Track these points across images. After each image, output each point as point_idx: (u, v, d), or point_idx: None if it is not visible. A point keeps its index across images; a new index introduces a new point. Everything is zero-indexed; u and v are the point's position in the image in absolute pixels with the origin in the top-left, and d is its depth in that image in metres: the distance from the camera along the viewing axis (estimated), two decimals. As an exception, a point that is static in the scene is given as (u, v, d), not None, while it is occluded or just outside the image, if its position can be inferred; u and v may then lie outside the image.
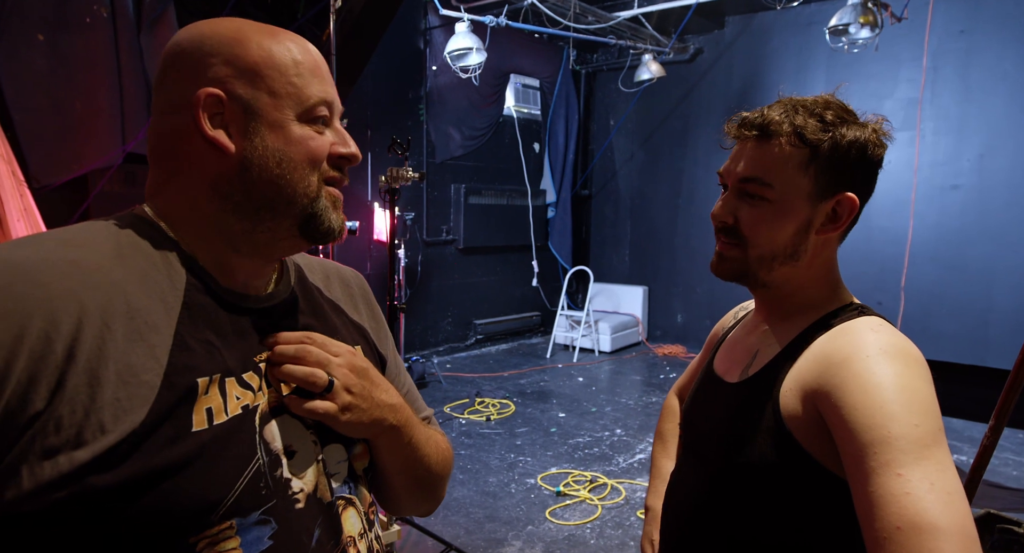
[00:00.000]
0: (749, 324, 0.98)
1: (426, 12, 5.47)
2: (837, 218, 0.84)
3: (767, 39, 5.80)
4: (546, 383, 5.19)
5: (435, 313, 5.92)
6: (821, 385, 0.75)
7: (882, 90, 5.18)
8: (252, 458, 0.61)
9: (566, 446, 3.84)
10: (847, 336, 0.79)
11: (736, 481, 0.85)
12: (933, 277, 4.94)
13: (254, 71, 0.62)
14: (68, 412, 0.51)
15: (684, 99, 6.40)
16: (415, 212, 5.57)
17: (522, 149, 6.49)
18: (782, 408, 0.80)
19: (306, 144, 0.64)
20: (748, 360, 0.90)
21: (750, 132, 0.84)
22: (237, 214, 0.64)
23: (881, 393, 0.70)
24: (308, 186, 0.64)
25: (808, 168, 0.82)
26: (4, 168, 2.68)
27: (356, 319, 0.82)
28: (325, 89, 0.66)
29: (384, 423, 0.71)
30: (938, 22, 4.80)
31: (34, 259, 0.55)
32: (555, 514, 3.00)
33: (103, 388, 0.53)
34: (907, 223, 4.98)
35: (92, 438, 0.52)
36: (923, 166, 5.01)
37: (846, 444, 0.71)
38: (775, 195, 0.82)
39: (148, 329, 0.57)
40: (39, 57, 3.04)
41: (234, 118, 0.62)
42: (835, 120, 0.82)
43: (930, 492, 0.64)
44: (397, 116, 5.38)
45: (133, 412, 0.54)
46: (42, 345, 0.51)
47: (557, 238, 6.89)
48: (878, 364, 0.72)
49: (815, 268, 0.87)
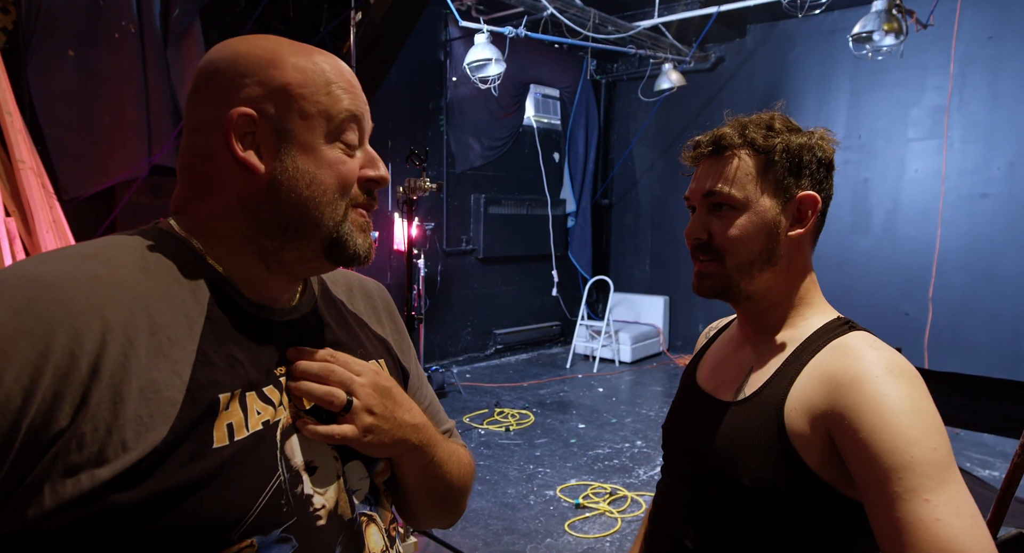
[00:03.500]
0: (735, 340, 0.97)
1: (446, 24, 5.52)
2: (802, 217, 0.88)
3: (789, 47, 5.75)
4: (566, 393, 5.16)
5: (455, 323, 5.93)
6: (831, 406, 0.76)
7: (908, 98, 5.09)
8: (273, 474, 0.60)
9: (586, 457, 3.80)
10: (849, 356, 0.79)
11: (737, 503, 0.84)
12: (962, 287, 4.83)
13: (286, 91, 0.62)
14: (91, 429, 0.51)
15: (705, 108, 6.36)
16: (435, 222, 5.60)
17: (542, 159, 6.49)
18: (788, 429, 0.79)
19: (337, 168, 0.64)
20: (742, 378, 0.90)
21: (706, 149, 0.90)
22: (266, 232, 0.63)
23: (899, 417, 0.71)
24: (335, 210, 0.64)
25: (766, 173, 0.86)
26: (35, 180, 2.74)
27: (379, 332, 0.81)
28: (356, 104, 0.65)
29: (407, 443, 0.71)
30: (965, 28, 4.72)
31: (57, 274, 0.54)
32: (574, 527, 2.96)
33: (126, 405, 0.52)
34: (935, 232, 4.88)
35: (114, 456, 0.51)
36: (951, 175, 4.91)
37: (866, 468, 0.71)
38: (740, 202, 0.86)
39: (170, 344, 0.57)
40: (69, 72, 3.12)
41: (265, 139, 0.62)
42: (782, 128, 0.89)
43: (957, 518, 0.65)
44: (417, 127, 5.41)
45: (155, 429, 0.53)
46: (67, 362, 0.51)
47: (577, 248, 6.86)
48: (888, 385, 0.73)
49: (793, 273, 0.89)
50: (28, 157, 2.73)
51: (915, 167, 5.13)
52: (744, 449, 0.83)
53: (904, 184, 5.17)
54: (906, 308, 4.98)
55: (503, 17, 5.27)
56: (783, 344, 0.87)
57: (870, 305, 5.13)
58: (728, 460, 0.84)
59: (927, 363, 4.79)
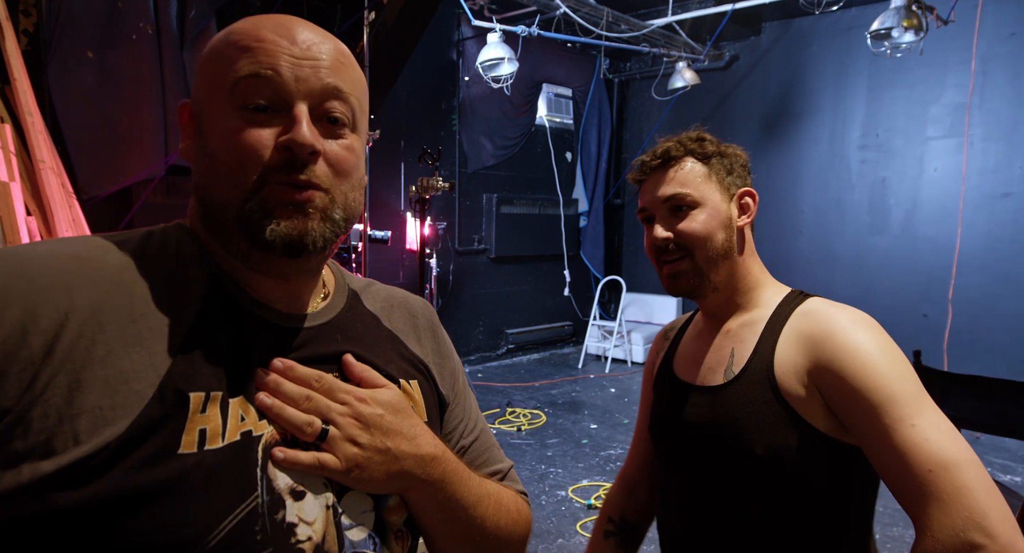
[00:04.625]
0: (706, 331, 1.05)
1: (458, 23, 5.53)
2: (747, 208, 1.01)
3: (806, 45, 5.68)
4: (578, 394, 5.15)
5: (466, 322, 5.93)
6: (815, 361, 0.86)
7: (928, 95, 5.02)
8: (249, 494, 0.53)
9: (598, 458, 3.79)
10: (816, 317, 0.90)
11: (754, 475, 0.90)
12: (983, 288, 4.75)
13: (202, 69, 0.58)
14: (39, 415, 0.46)
15: (719, 107, 6.31)
16: (447, 221, 5.60)
17: (554, 158, 6.48)
18: (783, 391, 0.88)
19: (231, 138, 0.55)
20: (727, 360, 0.97)
21: (654, 163, 1.01)
22: (208, 226, 0.60)
23: (873, 358, 0.82)
24: (236, 187, 0.55)
25: (711, 175, 0.99)
26: (55, 180, 2.78)
27: (416, 352, 0.72)
28: (263, 63, 0.55)
29: (410, 477, 0.61)
30: (987, 25, 4.64)
31: (40, 251, 0.52)
32: (586, 527, 2.95)
33: (84, 393, 0.47)
34: (955, 232, 4.80)
35: (62, 448, 0.46)
36: (971, 174, 4.84)
37: (855, 408, 0.81)
38: (697, 200, 0.97)
39: (151, 334, 0.52)
40: (89, 73, 3.16)
41: (192, 125, 0.59)
42: (712, 140, 1.02)
43: (940, 434, 0.76)
44: (430, 127, 5.42)
45: (114, 424, 0.47)
46: (15, 337, 0.47)
47: (589, 247, 6.84)
48: (856, 334, 0.85)
49: (746, 260, 1.01)
50: (48, 157, 2.77)
51: (934, 166, 5.05)
52: (749, 421, 0.90)
53: (923, 183, 5.10)
54: (925, 309, 4.91)
55: (516, 16, 5.26)
56: (754, 321, 0.97)
57: (888, 306, 5.06)
58: (736, 436, 0.91)
59: (946, 365, 4.72)
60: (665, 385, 1.07)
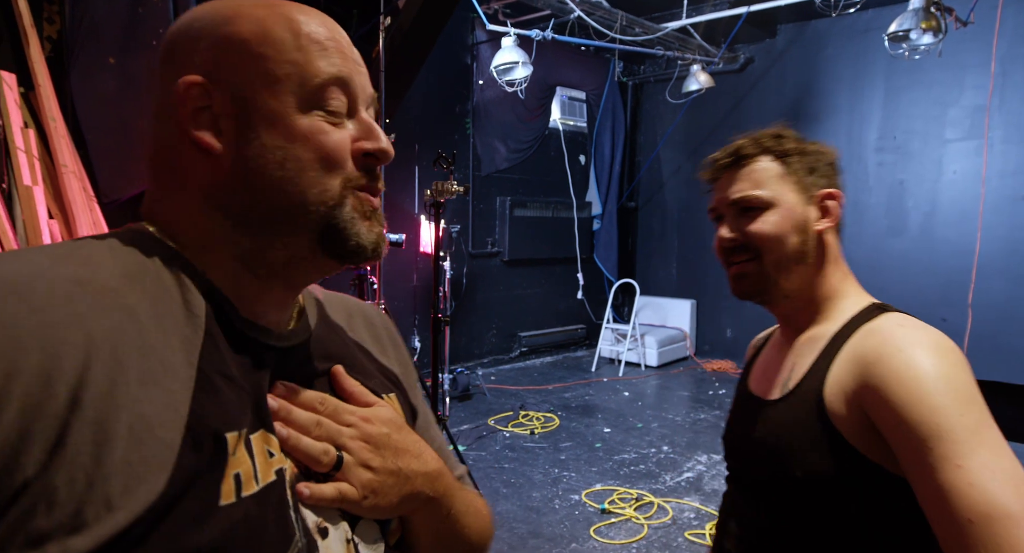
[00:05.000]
0: (778, 343, 1.00)
1: (473, 28, 5.55)
2: (829, 212, 0.92)
3: (821, 47, 5.64)
4: (591, 397, 5.13)
5: (480, 325, 5.94)
6: (861, 384, 0.78)
7: (946, 97, 4.96)
8: (291, 541, 0.48)
9: (611, 462, 3.77)
10: (877, 335, 0.82)
11: (795, 498, 0.85)
12: (1004, 292, 4.68)
13: (243, 51, 0.50)
14: (65, 481, 0.38)
15: (734, 109, 6.28)
16: (461, 224, 5.62)
17: (568, 161, 6.48)
18: (830, 414, 0.81)
19: (316, 139, 0.51)
20: (787, 375, 0.92)
21: (726, 161, 0.94)
22: (241, 230, 0.51)
23: (922, 385, 0.72)
24: (324, 191, 0.51)
25: (788, 175, 0.91)
26: (76, 184, 2.83)
27: (385, 363, 0.68)
28: (340, 66, 0.52)
29: (420, 496, 0.58)
30: (1007, 26, 4.58)
31: (27, 274, 0.42)
32: (600, 532, 2.94)
33: (112, 447, 0.39)
34: (974, 235, 4.74)
35: (94, 519, 0.38)
36: (991, 176, 4.77)
37: (899, 441, 0.73)
38: (768, 201, 0.90)
39: (164, 370, 0.44)
40: (110, 79, 3.22)
41: (226, 111, 0.50)
42: (790, 136, 0.94)
43: (992, 480, 0.66)
44: (444, 130, 5.45)
45: (148, 480, 0.40)
46: (40, 388, 0.38)
47: (603, 250, 6.83)
48: (912, 357, 0.75)
49: (825, 268, 0.92)
50: (70, 161, 2.83)
51: (953, 168, 4.99)
52: (791, 441, 0.85)
53: (942, 186, 5.04)
54: (944, 313, 4.85)
55: (530, 20, 5.27)
56: (821, 335, 0.90)
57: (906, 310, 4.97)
58: (778, 455, 0.86)
59: (965, 370, 4.65)
60: (739, 393, 1.04)
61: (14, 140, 2.67)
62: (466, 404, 4.82)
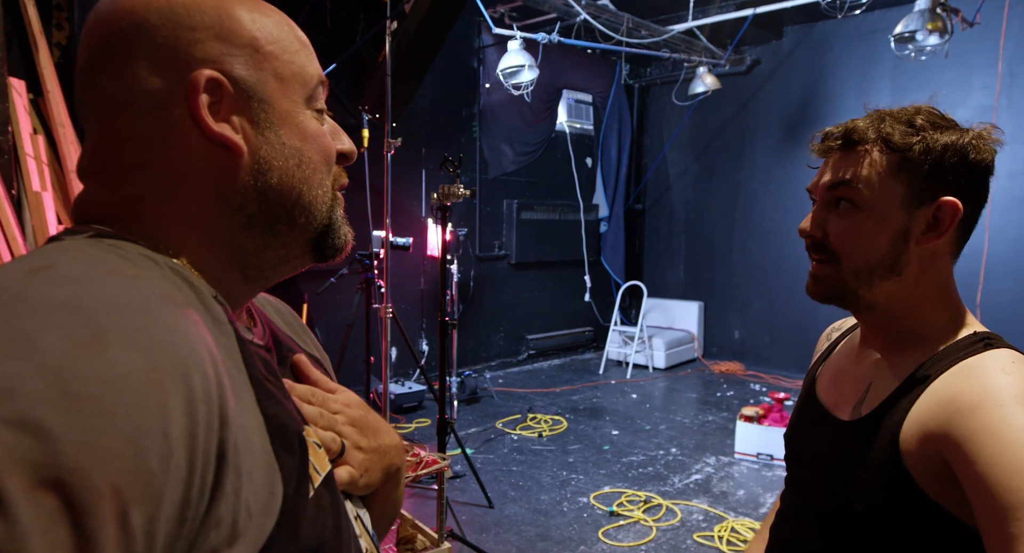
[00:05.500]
0: (856, 351, 0.90)
1: (479, 31, 5.57)
2: (939, 225, 0.78)
3: (828, 48, 5.63)
4: (599, 400, 5.13)
5: (487, 328, 5.95)
6: (948, 433, 0.70)
7: (954, 98, 4.94)
8: (350, 520, 0.55)
9: (619, 465, 3.77)
10: (976, 378, 0.72)
11: (851, 529, 0.79)
12: (1012, 293, 4.65)
13: (253, 47, 0.49)
14: (223, 495, 0.38)
15: (740, 111, 6.27)
16: (468, 228, 5.63)
17: (574, 164, 6.49)
18: (903, 453, 0.74)
19: (320, 140, 0.53)
20: (860, 395, 0.84)
21: (835, 142, 0.82)
22: (251, 230, 0.51)
23: (1019, 451, 0.64)
24: (326, 192, 0.53)
25: (899, 174, 0.77)
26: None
27: (310, 351, 0.69)
28: (319, 68, 0.55)
29: (393, 468, 0.63)
30: (1014, 26, 4.56)
31: (132, 294, 0.39)
32: (608, 535, 2.94)
33: (238, 459, 0.40)
34: (982, 237, 4.71)
35: (244, 527, 0.40)
36: (1000, 177, 4.73)
37: (982, 502, 0.66)
38: (864, 200, 0.78)
39: (231, 380, 0.43)
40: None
41: (238, 108, 0.48)
42: (925, 124, 0.78)
43: None
44: (451, 133, 5.47)
45: (265, 486, 0.42)
46: (207, 408, 0.37)
47: (610, 253, 6.83)
48: (1013, 416, 0.66)
49: (924, 286, 0.81)
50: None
51: (961, 169, 4.96)
52: (857, 472, 0.78)
53: (950, 187, 5.01)
54: (953, 315, 4.81)
55: (536, 23, 5.29)
56: (907, 361, 0.80)
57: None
58: (841, 483, 0.80)
59: (975, 372, 4.62)
60: (805, 396, 0.96)
61: (23, 146, 2.70)
62: (474, 407, 4.83)
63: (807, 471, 0.89)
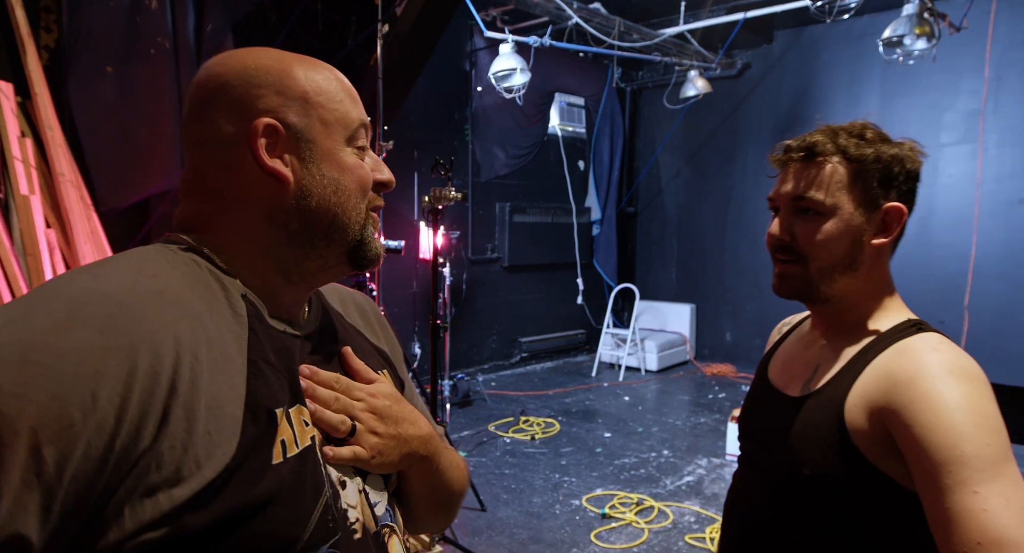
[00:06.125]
0: (806, 338, 1.01)
1: (471, 35, 5.57)
2: (887, 227, 0.90)
3: (817, 53, 5.68)
4: (591, 402, 5.13)
5: (480, 331, 5.94)
6: (888, 403, 0.80)
7: (941, 102, 4.99)
8: (322, 490, 0.61)
9: (612, 467, 3.77)
10: (910, 355, 0.82)
11: (799, 494, 0.88)
12: (1000, 295, 4.69)
13: (304, 99, 0.63)
14: (168, 448, 0.50)
15: (731, 115, 6.31)
16: (460, 231, 5.63)
17: (567, 167, 6.50)
18: (848, 423, 0.83)
19: (357, 172, 0.66)
20: (809, 374, 0.94)
21: (797, 155, 0.91)
22: (292, 243, 0.64)
23: (951, 414, 0.74)
24: (359, 214, 0.66)
25: (856, 182, 0.88)
26: (74, 193, 2.84)
27: (377, 344, 0.81)
28: (363, 113, 0.68)
29: (415, 456, 0.72)
30: (1001, 31, 4.61)
31: (123, 291, 0.53)
32: (600, 537, 2.94)
33: (197, 422, 0.52)
34: (970, 239, 4.76)
35: (189, 474, 0.51)
36: (987, 180, 4.79)
37: (919, 462, 0.75)
38: (827, 208, 0.88)
39: (224, 359, 0.56)
40: (108, 88, 3.22)
41: (289, 147, 0.62)
42: (875, 138, 0.90)
43: (1007, 509, 0.68)
44: (443, 137, 5.47)
45: (223, 445, 0.53)
46: (151, 380, 0.50)
47: (602, 255, 6.84)
48: (944, 384, 0.76)
49: (871, 280, 0.92)
50: (68, 170, 2.83)
51: (949, 172, 5.01)
52: (806, 441, 0.87)
53: (937, 190, 5.06)
54: (941, 316, 4.85)
55: (528, 27, 5.30)
56: (851, 344, 0.90)
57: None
58: (792, 451, 0.89)
59: (964, 373, 4.65)
60: (757, 381, 1.06)
61: (11, 149, 2.68)
62: (466, 410, 4.82)
63: (759, 445, 0.98)
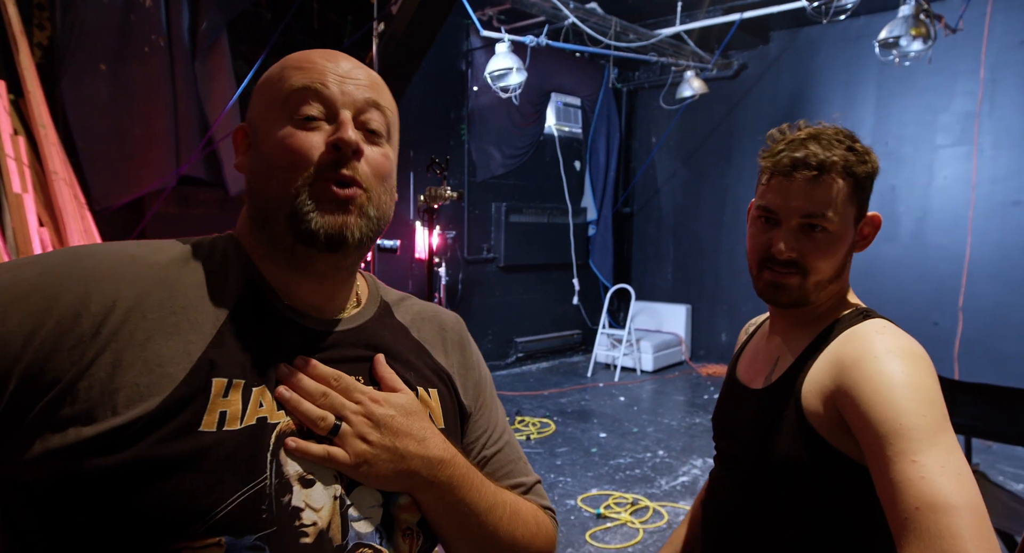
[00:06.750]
0: (767, 334, 1.07)
1: (467, 34, 5.57)
2: (868, 236, 0.96)
3: (814, 54, 5.69)
4: (587, 402, 5.13)
5: (475, 331, 5.89)
6: (838, 386, 0.85)
7: (936, 103, 5.00)
8: (259, 476, 0.57)
9: (607, 467, 3.77)
10: (856, 340, 0.88)
11: (770, 481, 0.93)
12: (995, 297, 4.71)
13: (258, 91, 0.67)
14: (85, 387, 0.53)
15: (728, 116, 6.31)
16: (456, 230, 5.62)
17: (563, 167, 6.50)
18: (805, 408, 0.89)
19: (284, 142, 0.62)
20: (770, 368, 0.99)
21: (810, 173, 0.90)
22: (255, 229, 0.67)
23: (890, 390, 0.79)
24: (288, 185, 0.62)
25: (853, 196, 0.92)
26: (67, 191, 2.82)
27: (441, 362, 0.77)
28: (311, 78, 0.63)
29: (417, 477, 0.65)
30: (996, 32, 4.63)
31: (101, 250, 0.60)
32: (595, 537, 2.94)
33: (124, 371, 0.54)
34: (965, 240, 4.77)
35: (101, 417, 0.53)
36: (982, 181, 4.81)
37: (865, 437, 0.79)
38: (835, 226, 0.91)
39: (189, 326, 0.59)
40: (102, 86, 3.21)
41: (249, 142, 0.67)
42: (863, 149, 0.93)
43: (942, 475, 0.72)
44: (439, 136, 5.46)
45: (148, 400, 0.54)
46: (70, 318, 0.54)
47: (598, 256, 6.84)
48: (885, 364, 0.81)
49: (844, 282, 0.98)
50: (61, 169, 2.81)
51: (944, 174, 5.02)
52: (771, 430, 0.92)
53: (933, 191, 5.07)
54: (935, 318, 4.87)
55: (524, 26, 5.30)
56: (807, 336, 0.96)
57: (898, 315, 4.94)
58: (759, 441, 0.93)
59: (957, 374, 4.67)
60: (727, 380, 1.10)
61: (3, 147, 2.66)
62: (461, 410, 4.81)
63: (731, 440, 1.03)
